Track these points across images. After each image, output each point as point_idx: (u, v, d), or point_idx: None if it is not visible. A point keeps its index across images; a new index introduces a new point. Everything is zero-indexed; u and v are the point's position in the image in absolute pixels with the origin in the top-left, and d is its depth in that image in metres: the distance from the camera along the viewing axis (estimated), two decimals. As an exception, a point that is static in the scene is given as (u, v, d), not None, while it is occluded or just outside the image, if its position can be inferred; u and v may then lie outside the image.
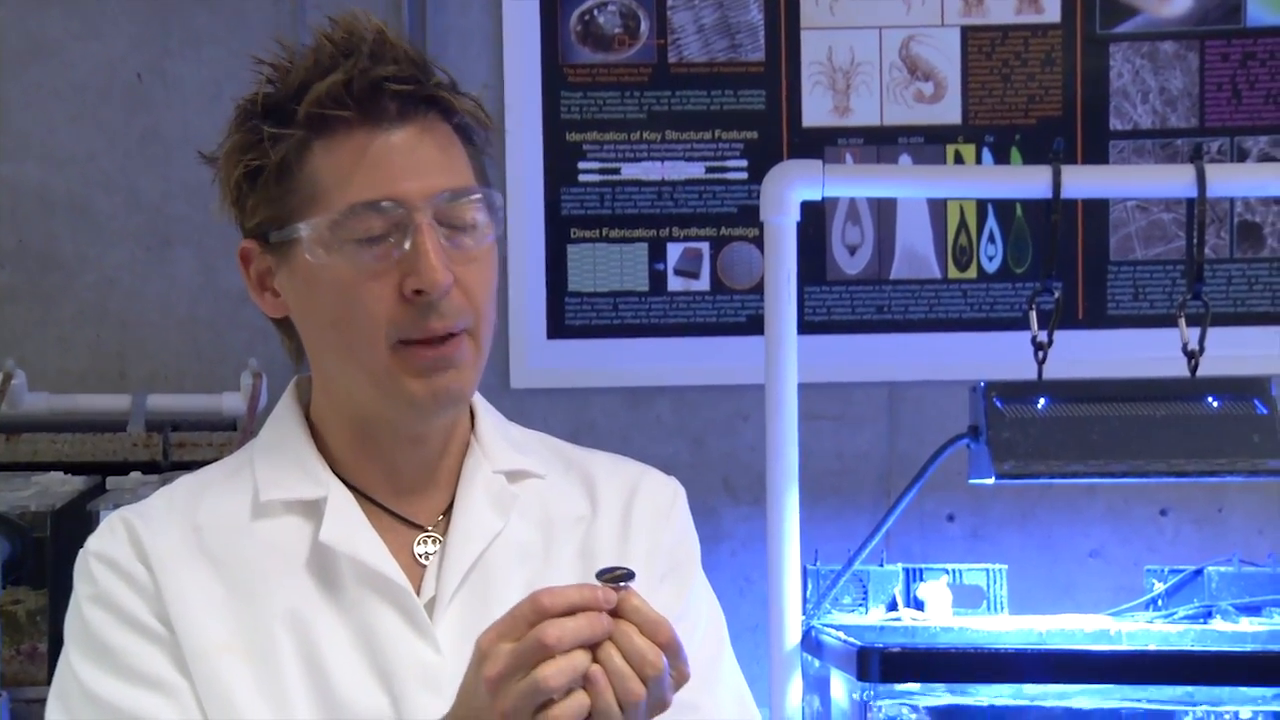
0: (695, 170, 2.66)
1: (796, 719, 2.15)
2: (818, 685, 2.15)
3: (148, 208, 2.64)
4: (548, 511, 1.35)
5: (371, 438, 1.32)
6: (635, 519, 1.36)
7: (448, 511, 1.33)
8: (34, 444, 2.46)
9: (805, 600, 2.22)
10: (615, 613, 1.10)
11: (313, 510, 1.30)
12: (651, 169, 2.66)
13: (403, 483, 1.33)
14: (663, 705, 1.11)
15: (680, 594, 1.36)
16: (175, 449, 2.44)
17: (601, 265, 2.65)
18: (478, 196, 1.28)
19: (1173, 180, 2.25)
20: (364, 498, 1.32)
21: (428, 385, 1.26)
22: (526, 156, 2.64)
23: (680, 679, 1.12)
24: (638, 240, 2.66)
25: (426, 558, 1.31)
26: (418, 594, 1.28)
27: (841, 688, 2.08)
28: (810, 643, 2.16)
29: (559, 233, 2.64)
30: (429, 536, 1.32)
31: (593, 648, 1.09)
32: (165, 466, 2.43)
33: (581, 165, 2.65)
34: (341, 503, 1.30)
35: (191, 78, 2.64)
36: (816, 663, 2.15)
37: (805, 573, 2.23)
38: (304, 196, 1.26)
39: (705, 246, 2.66)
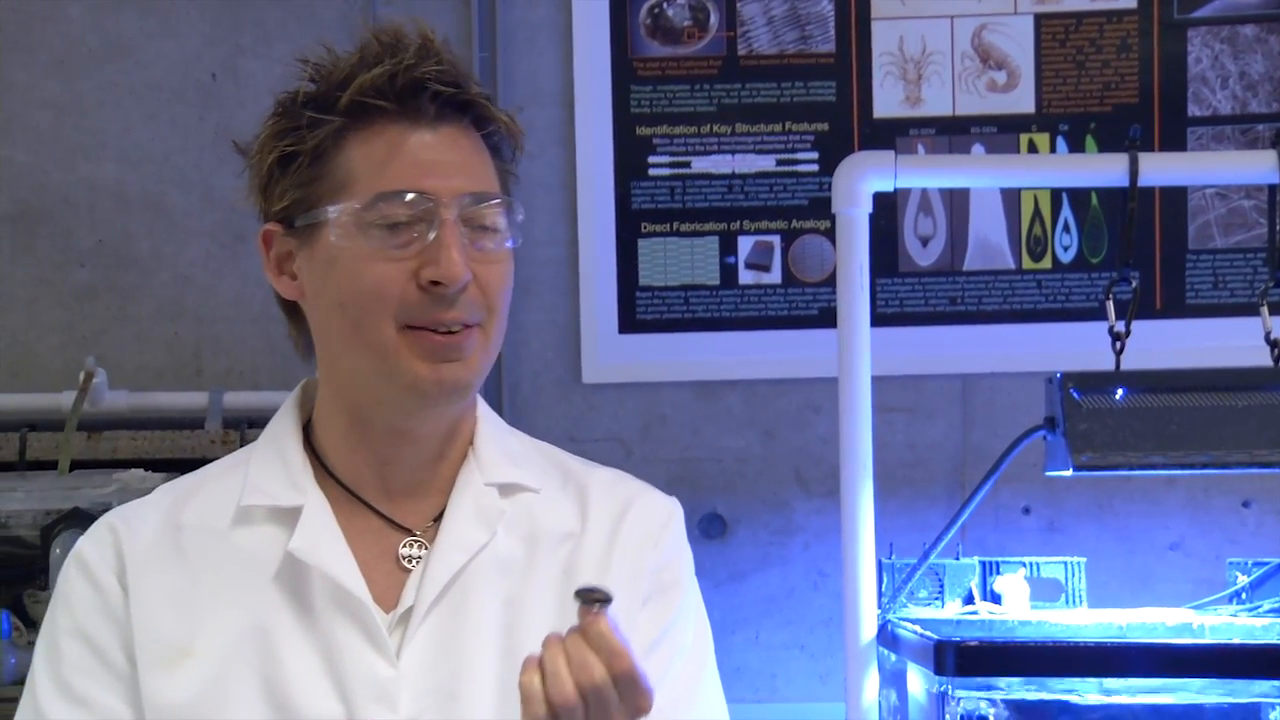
0: (766, 163, 2.65)
1: (873, 713, 2.14)
2: (894, 679, 2.14)
3: (222, 205, 2.66)
4: (536, 526, 1.36)
5: (366, 431, 1.33)
6: (622, 538, 1.36)
7: (439, 518, 1.34)
8: (114, 441, 2.49)
9: (880, 594, 2.21)
10: (583, 635, 1.12)
11: (290, 518, 1.31)
12: (722, 162, 2.65)
13: (394, 483, 1.34)
14: None
15: (662, 616, 1.36)
16: (251, 445, 2.46)
17: (672, 259, 2.65)
18: (500, 203, 1.30)
19: (1253, 166, 2.22)
20: (354, 498, 1.33)
21: (434, 371, 1.28)
22: (596, 151, 2.64)
23: (637, 712, 1.13)
24: (708, 234, 2.65)
25: (411, 561, 1.32)
26: (396, 602, 1.30)
27: (919, 681, 2.06)
28: (886, 636, 2.14)
29: (630, 227, 2.64)
30: (416, 541, 1.33)
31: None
32: (242, 462, 2.45)
33: (651, 159, 2.65)
34: (317, 512, 1.31)
35: (263, 75, 2.66)
36: (893, 656, 2.13)
37: (880, 566, 2.22)
38: (335, 182, 1.29)
39: (776, 239, 2.65)
